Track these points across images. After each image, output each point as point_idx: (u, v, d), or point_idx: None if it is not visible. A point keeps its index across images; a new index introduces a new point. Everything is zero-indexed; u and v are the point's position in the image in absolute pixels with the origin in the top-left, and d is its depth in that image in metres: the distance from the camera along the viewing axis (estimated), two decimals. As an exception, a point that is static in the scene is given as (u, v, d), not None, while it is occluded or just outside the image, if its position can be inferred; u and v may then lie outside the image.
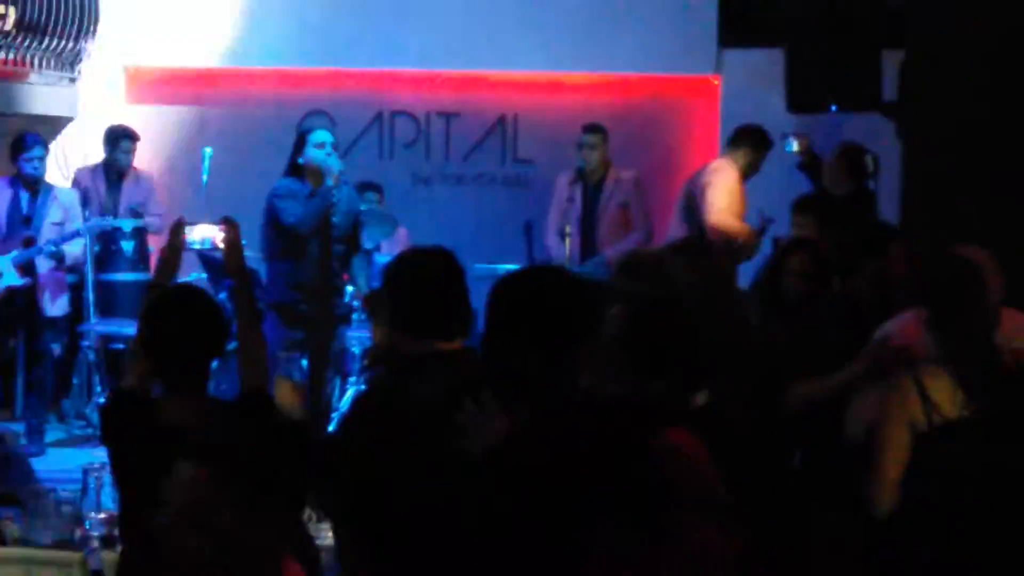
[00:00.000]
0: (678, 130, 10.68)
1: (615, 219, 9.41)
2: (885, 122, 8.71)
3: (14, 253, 8.75)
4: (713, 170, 8.97)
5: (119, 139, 9.84)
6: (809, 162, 9.13)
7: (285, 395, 5.14)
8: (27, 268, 8.81)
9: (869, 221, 7.81)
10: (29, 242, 8.80)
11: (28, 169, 8.88)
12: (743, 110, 10.05)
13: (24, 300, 8.86)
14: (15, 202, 8.93)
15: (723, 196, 8.78)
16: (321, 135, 8.03)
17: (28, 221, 8.90)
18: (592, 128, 9.51)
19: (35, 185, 8.94)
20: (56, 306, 9.05)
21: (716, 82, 10.44)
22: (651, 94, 10.65)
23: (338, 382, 8.88)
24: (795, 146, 9.08)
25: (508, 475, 3.32)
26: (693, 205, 8.90)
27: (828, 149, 9.05)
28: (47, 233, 8.86)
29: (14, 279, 8.75)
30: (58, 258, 8.95)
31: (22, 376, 9.32)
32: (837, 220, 7.54)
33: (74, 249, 9.03)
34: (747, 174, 9.00)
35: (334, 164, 7.89)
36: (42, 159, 8.96)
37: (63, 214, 8.99)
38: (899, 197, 7.90)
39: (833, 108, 8.32)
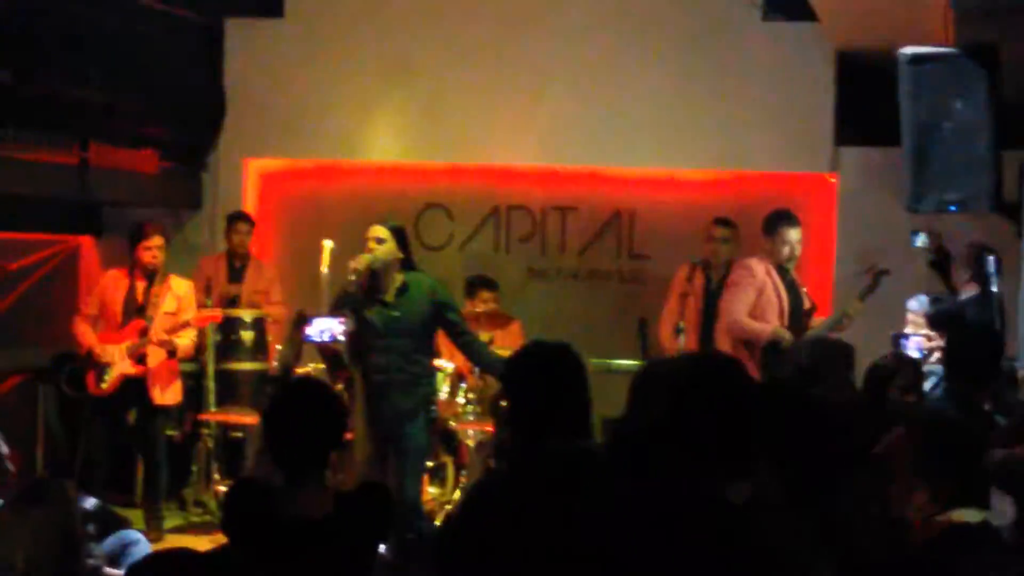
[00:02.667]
0: (794, 228, 10.54)
1: None
2: (1006, 222, 8.63)
3: (128, 343, 8.80)
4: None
5: (234, 220, 10.21)
6: (939, 259, 8.93)
7: None
8: (140, 358, 8.83)
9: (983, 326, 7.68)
10: (143, 331, 8.81)
11: (147, 258, 8.85)
12: (860, 208, 10.00)
13: (136, 388, 8.86)
14: (131, 291, 8.91)
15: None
16: (371, 230, 7.40)
17: (143, 310, 8.87)
18: (724, 222, 9.28)
19: (151, 274, 8.90)
20: (167, 395, 9.03)
21: (833, 180, 10.36)
22: (767, 191, 10.55)
23: (452, 472, 8.94)
24: (923, 241, 8.82)
25: None
26: None
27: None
28: (161, 323, 8.87)
29: (127, 368, 8.81)
30: (170, 350, 8.91)
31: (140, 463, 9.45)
32: (947, 324, 7.44)
33: (184, 340, 8.99)
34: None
35: (361, 260, 7.08)
36: (161, 248, 8.90)
37: (176, 304, 8.99)
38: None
39: (951, 209, 8.23)
